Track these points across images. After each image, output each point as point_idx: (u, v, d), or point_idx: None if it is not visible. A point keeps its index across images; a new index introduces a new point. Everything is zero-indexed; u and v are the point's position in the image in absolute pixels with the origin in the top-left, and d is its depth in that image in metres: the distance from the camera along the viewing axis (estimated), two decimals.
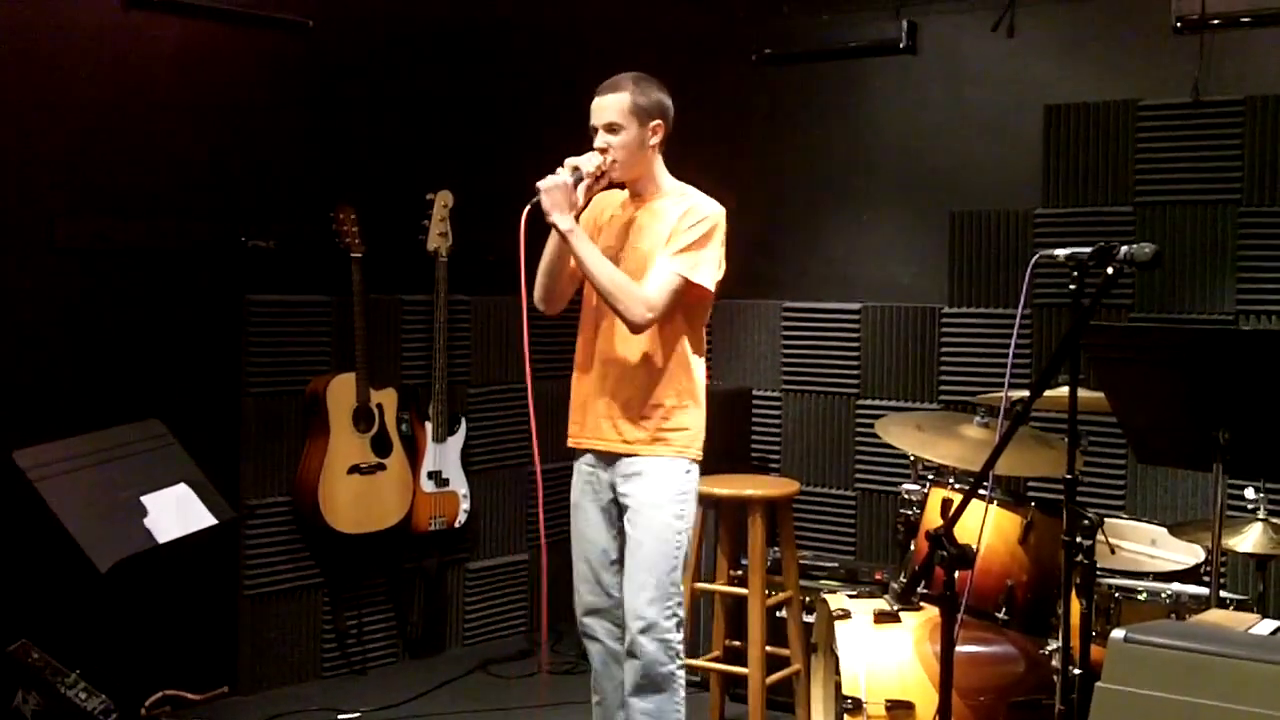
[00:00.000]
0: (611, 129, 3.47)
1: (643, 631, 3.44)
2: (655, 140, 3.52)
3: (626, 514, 3.53)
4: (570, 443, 3.66)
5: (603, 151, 3.45)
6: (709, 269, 3.47)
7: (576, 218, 3.42)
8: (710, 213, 3.48)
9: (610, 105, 3.47)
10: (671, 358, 3.52)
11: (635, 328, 3.41)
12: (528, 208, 3.36)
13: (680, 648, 3.52)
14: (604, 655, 3.61)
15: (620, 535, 3.57)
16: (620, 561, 3.57)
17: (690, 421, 3.54)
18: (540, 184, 3.36)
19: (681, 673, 3.52)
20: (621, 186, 3.57)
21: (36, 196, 4.27)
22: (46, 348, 4.30)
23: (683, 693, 3.53)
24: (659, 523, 3.48)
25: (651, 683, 3.47)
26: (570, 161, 3.41)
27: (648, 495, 3.49)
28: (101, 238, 4.40)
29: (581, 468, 3.64)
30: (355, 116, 5.03)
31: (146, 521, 3.62)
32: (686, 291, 3.44)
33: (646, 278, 3.44)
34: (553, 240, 3.49)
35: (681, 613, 3.51)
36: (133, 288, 4.49)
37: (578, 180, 3.38)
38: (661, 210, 3.52)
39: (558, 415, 3.65)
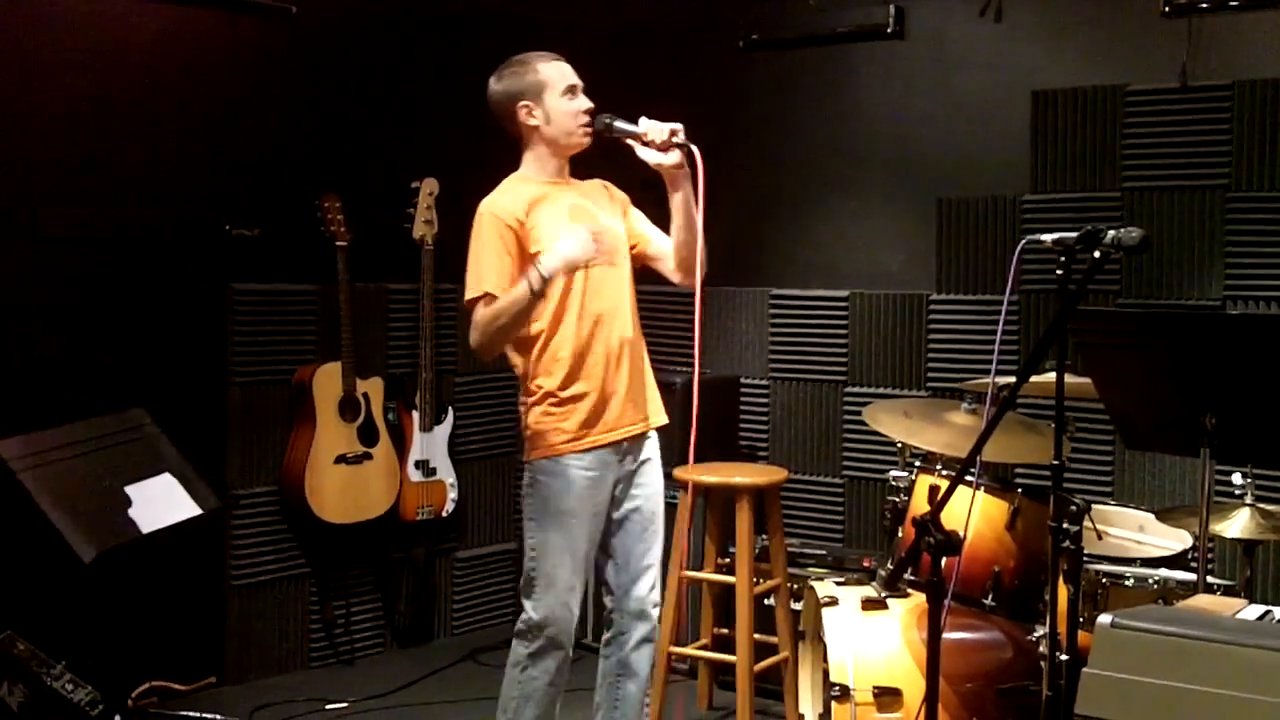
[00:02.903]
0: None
1: (659, 619, 3.58)
2: None
3: (637, 505, 3.51)
4: (579, 445, 3.39)
5: (590, 113, 3.46)
6: None
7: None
8: None
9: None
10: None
11: (694, 283, 3.40)
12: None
13: None
14: (567, 656, 3.49)
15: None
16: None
17: None
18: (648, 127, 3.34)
19: None
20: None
21: (19, 185, 4.24)
22: (29, 337, 4.27)
23: None
24: (662, 510, 3.57)
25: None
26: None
27: (658, 484, 3.56)
28: (85, 226, 4.38)
29: (582, 472, 3.39)
30: (339, 103, 5.01)
31: (131, 512, 3.61)
32: None
33: (659, 243, 3.54)
34: (524, 290, 3.28)
35: None
36: (116, 277, 4.47)
37: None
38: (586, 189, 3.56)
39: None
